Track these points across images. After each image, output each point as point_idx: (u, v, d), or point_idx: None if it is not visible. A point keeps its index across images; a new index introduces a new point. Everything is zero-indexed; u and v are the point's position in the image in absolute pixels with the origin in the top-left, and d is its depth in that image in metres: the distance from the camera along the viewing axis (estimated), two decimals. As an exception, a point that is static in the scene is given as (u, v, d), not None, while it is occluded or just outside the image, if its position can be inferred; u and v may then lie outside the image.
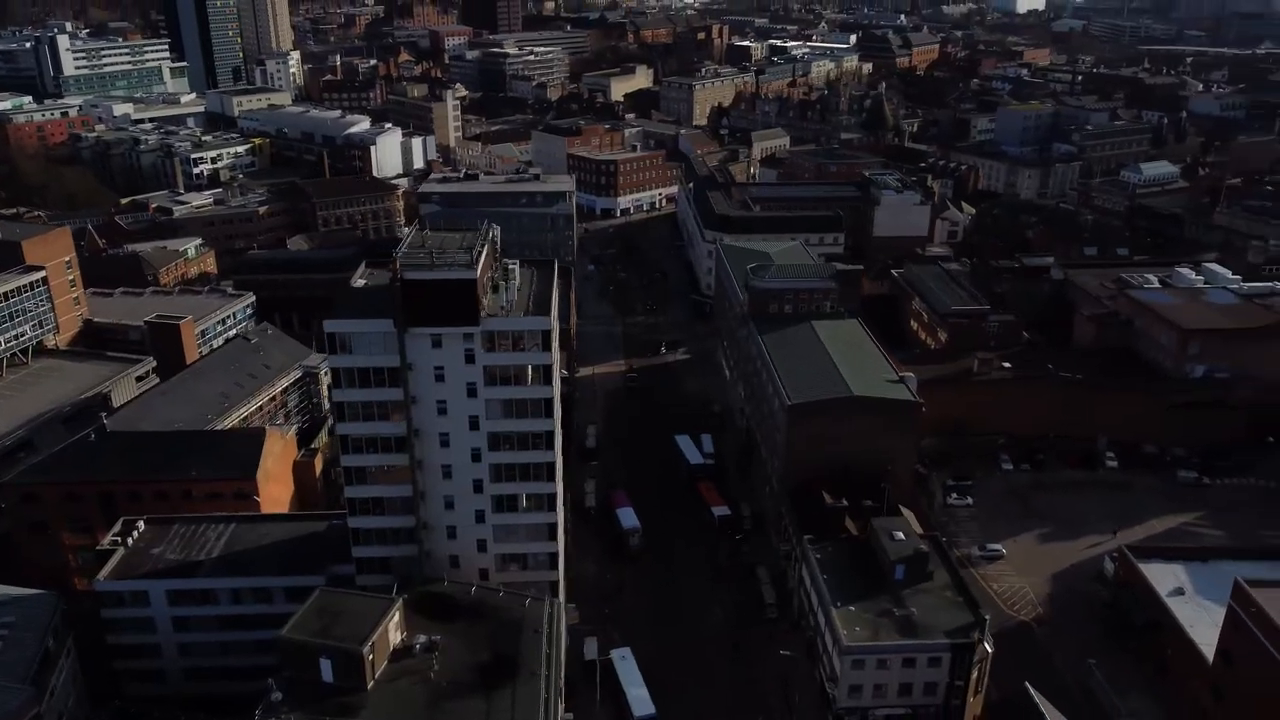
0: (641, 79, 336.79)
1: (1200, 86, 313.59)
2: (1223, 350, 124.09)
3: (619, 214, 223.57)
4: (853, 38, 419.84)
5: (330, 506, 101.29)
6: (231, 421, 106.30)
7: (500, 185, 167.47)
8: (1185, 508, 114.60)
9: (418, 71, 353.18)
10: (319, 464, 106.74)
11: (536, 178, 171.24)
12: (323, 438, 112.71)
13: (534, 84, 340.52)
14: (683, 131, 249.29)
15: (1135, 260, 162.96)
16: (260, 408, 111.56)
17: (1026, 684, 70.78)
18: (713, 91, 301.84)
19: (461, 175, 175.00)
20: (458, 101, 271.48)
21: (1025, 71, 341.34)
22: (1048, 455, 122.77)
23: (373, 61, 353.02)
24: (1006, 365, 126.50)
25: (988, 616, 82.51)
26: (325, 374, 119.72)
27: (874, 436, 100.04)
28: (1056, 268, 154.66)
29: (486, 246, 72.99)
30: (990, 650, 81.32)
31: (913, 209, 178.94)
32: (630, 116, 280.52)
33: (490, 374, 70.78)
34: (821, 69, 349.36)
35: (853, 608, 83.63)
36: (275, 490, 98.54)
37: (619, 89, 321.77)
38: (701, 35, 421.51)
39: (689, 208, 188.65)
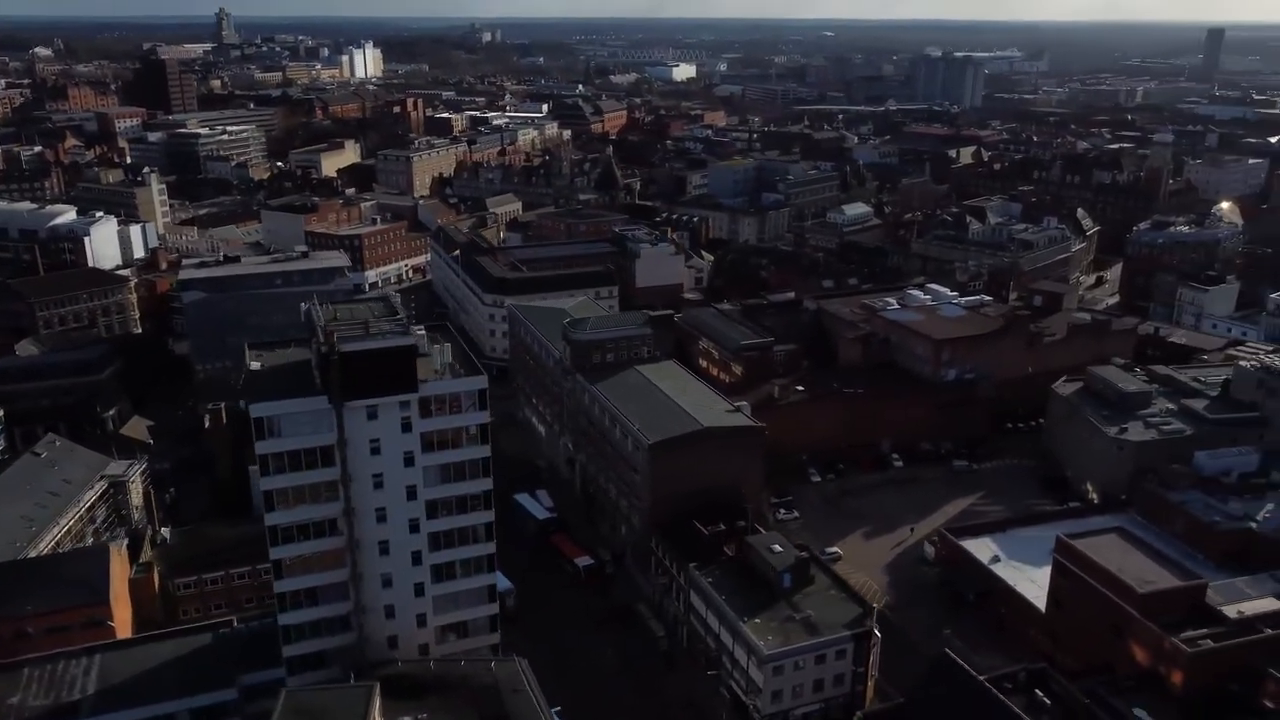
0: (351, 154, 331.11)
1: (856, 139, 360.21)
2: (966, 355, 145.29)
3: (368, 288, 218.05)
4: (545, 106, 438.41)
5: (169, 624, 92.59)
6: (45, 547, 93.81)
7: (268, 265, 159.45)
8: (965, 491, 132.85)
9: (91, 156, 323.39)
10: (156, 579, 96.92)
11: (305, 255, 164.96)
12: (147, 550, 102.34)
13: (233, 164, 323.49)
14: (420, 202, 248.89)
15: (864, 289, 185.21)
16: (69, 529, 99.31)
17: (946, 649, 79.89)
18: (431, 162, 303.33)
19: (220, 258, 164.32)
20: (163, 185, 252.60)
21: (710, 132, 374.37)
22: (846, 464, 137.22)
23: (37, 148, 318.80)
24: (800, 389, 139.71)
25: (875, 605, 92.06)
26: (133, 481, 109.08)
27: (727, 463, 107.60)
28: (809, 300, 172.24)
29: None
30: (879, 636, 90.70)
31: (668, 259, 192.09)
32: (351, 191, 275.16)
33: (428, 440, 69.98)
34: (527, 136, 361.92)
35: (758, 620, 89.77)
36: (119, 613, 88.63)
37: (330, 164, 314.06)
38: (397, 109, 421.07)
39: (455, 275, 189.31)
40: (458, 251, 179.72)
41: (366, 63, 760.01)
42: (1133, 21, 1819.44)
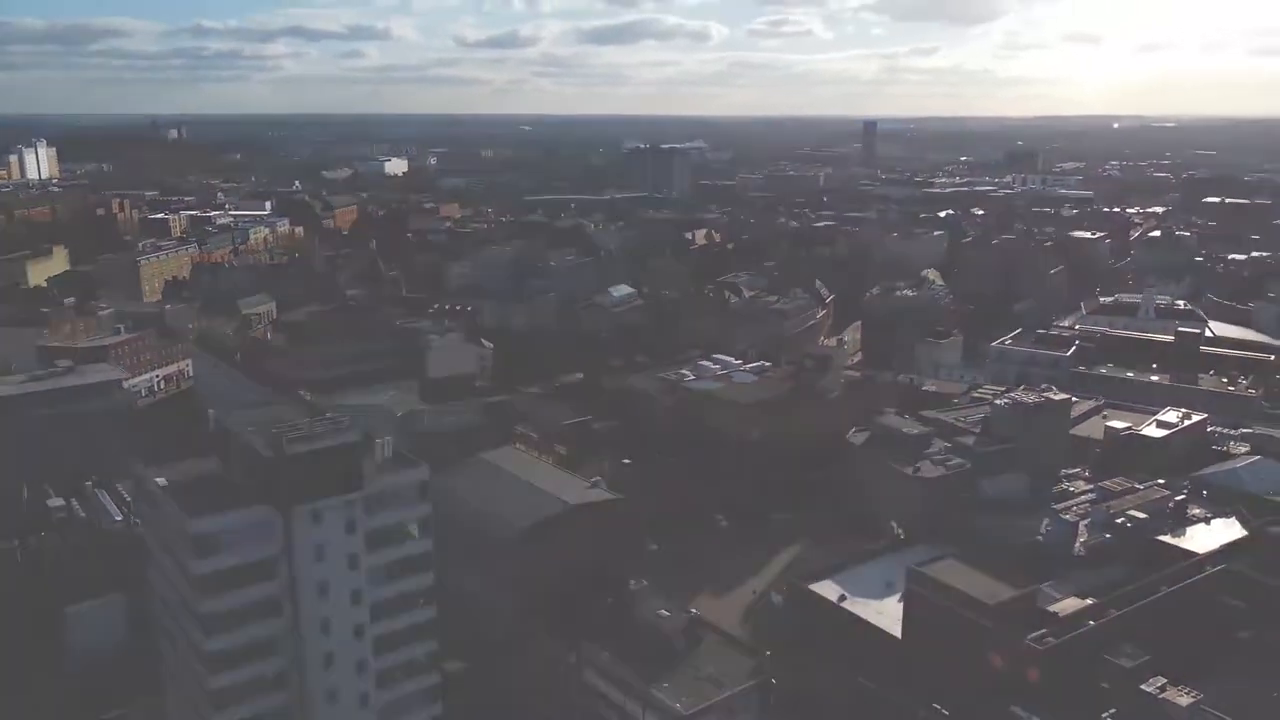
0: (61, 260, 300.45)
1: (593, 226, 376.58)
2: (767, 416, 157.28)
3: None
4: (267, 204, 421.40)
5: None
6: None
7: (30, 385, 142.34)
8: (789, 541, 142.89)
9: None
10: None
11: (71, 369, 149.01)
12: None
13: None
14: (168, 307, 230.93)
15: (650, 364, 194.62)
16: None
17: (859, 677, 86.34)
18: (161, 265, 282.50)
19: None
20: None
21: (450, 223, 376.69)
22: (677, 529, 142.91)
23: None
24: (627, 461, 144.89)
25: (768, 653, 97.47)
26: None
27: (596, 538, 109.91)
28: (607, 378, 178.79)
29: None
30: (775, 681, 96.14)
31: (460, 348, 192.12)
32: (71, 301, 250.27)
33: (372, 538, 67.59)
34: (259, 235, 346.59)
35: (666, 684, 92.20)
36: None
37: (39, 272, 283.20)
38: (101, 210, 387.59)
39: (231, 383, 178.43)
40: (238, 355, 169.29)
41: (40, 163, 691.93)
42: (794, 116, 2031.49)
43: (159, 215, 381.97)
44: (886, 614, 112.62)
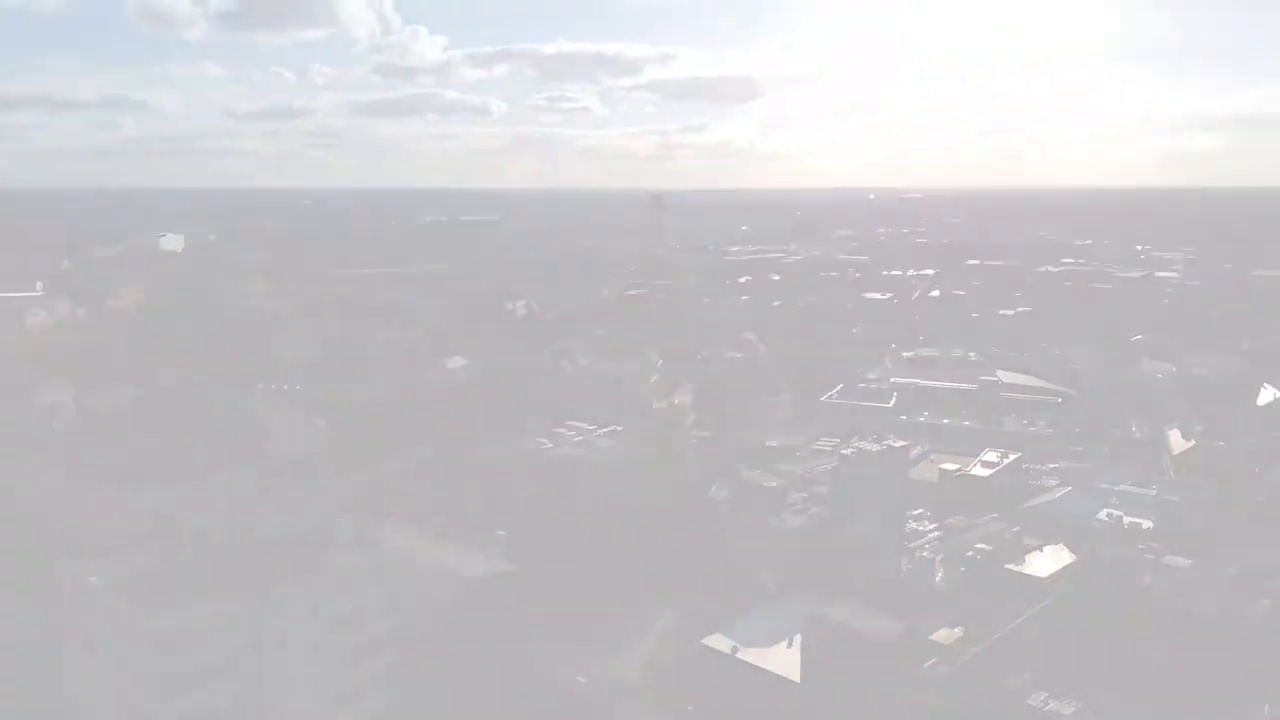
0: None
1: (408, 298, 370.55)
2: (633, 480, 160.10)
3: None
4: (39, 284, 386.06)
5: None
6: None
7: None
8: (667, 599, 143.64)
9: None
10: None
11: None
12: None
13: None
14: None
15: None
16: None
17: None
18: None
19: None
20: None
21: (253, 300, 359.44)
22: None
23: None
24: (501, 532, 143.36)
25: (690, 708, 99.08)
26: None
27: (499, 609, 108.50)
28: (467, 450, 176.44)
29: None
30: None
31: (298, 427, 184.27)
32: None
33: (335, 622, 64.78)
34: (35, 318, 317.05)
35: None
36: None
37: None
38: None
39: (39, 478, 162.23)
40: (47, 448, 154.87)
41: None
42: (580, 189, 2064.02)
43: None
44: (779, 661, 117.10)
